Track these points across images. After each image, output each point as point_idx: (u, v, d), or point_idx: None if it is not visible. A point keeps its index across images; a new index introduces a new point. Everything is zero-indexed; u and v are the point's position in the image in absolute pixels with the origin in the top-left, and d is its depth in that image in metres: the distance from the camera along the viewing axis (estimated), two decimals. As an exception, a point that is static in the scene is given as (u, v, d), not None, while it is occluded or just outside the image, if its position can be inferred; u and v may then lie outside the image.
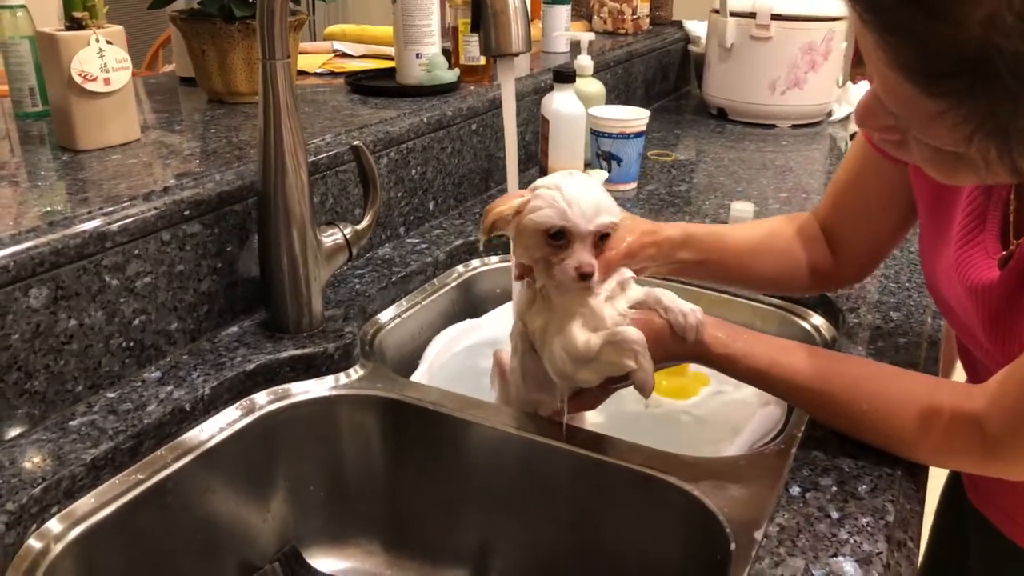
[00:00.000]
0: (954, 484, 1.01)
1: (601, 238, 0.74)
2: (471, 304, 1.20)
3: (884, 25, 0.52)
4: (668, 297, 0.76)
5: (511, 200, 0.76)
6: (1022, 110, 0.49)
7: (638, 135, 1.40)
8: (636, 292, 0.78)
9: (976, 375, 0.84)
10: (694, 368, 1.02)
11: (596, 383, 0.77)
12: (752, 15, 1.86)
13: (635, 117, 1.39)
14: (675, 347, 0.75)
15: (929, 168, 0.61)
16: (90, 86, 0.94)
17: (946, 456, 0.72)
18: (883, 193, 0.87)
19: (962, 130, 0.52)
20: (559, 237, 0.73)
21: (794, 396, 0.77)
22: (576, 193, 0.73)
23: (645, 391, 0.74)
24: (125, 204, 0.82)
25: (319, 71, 1.53)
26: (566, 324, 0.75)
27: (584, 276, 0.73)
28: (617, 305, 0.77)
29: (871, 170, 0.86)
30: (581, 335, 0.75)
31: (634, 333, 0.73)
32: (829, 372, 0.74)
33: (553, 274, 0.74)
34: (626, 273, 0.79)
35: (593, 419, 0.94)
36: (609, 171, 1.42)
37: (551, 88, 1.38)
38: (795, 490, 0.70)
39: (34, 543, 0.67)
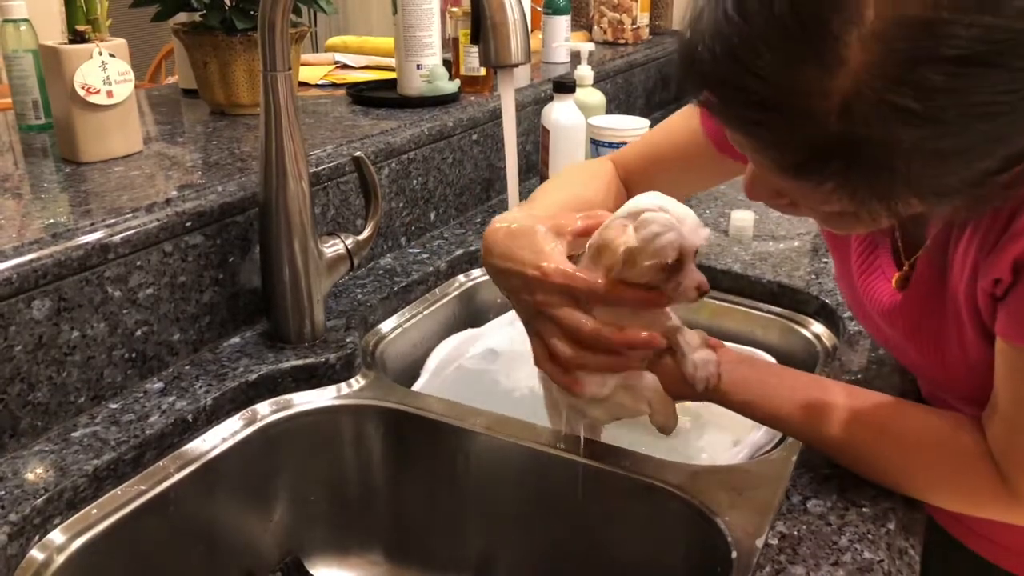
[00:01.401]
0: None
1: None
2: (472, 314, 1.20)
3: (747, 128, 0.52)
4: (687, 341, 0.73)
5: (615, 230, 0.69)
6: (899, 176, 0.49)
7: (638, 144, 1.40)
8: (665, 330, 0.73)
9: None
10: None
11: (607, 422, 0.77)
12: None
13: (635, 127, 1.40)
14: (688, 391, 0.74)
15: (826, 225, 0.62)
16: (93, 99, 0.95)
17: (966, 502, 0.70)
18: (699, 174, 0.89)
19: (852, 200, 0.52)
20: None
21: (818, 444, 0.74)
22: (680, 210, 0.68)
23: (665, 432, 0.73)
24: (127, 216, 0.82)
25: (320, 82, 1.54)
26: None
27: (704, 293, 0.69)
28: None
29: (698, 156, 0.86)
30: (597, 375, 0.72)
31: (649, 380, 0.72)
32: (852, 418, 0.70)
33: (669, 298, 0.70)
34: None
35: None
36: (610, 180, 1.42)
37: (551, 98, 1.38)
38: (796, 498, 0.70)
39: (37, 554, 0.67)
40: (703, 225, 0.69)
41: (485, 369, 1.10)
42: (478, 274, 1.22)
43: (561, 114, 1.35)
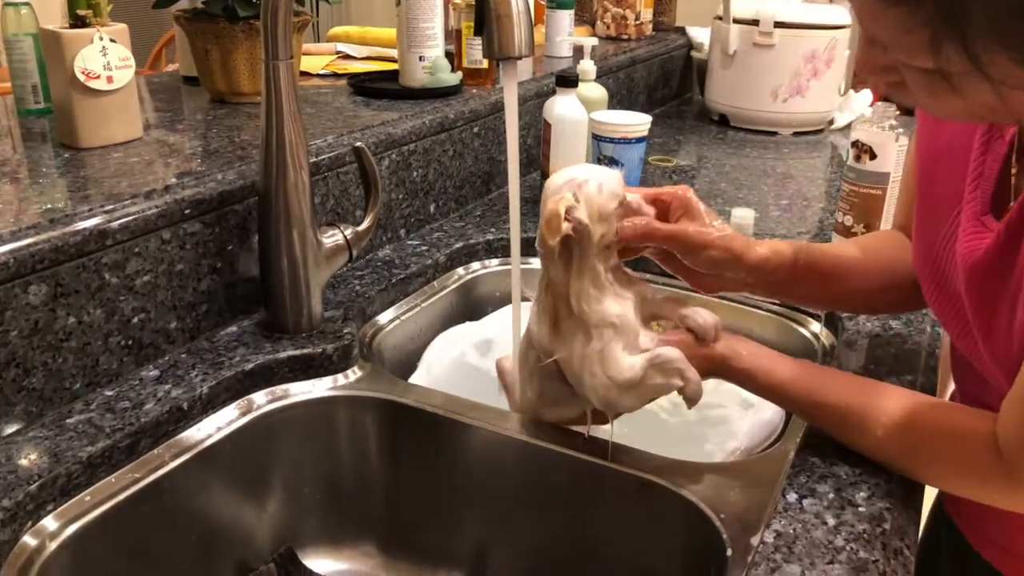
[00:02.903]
0: (938, 514, 0.98)
1: None
2: (470, 307, 1.20)
3: None
4: (683, 304, 0.76)
5: (556, 203, 0.71)
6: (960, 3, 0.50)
7: (640, 140, 1.40)
8: (649, 303, 0.77)
9: (966, 384, 0.84)
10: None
11: (638, 408, 0.76)
12: (755, 22, 1.86)
13: (637, 122, 1.39)
14: (696, 360, 0.74)
15: (926, 100, 0.61)
16: (93, 84, 0.94)
17: (964, 480, 0.71)
18: None
19: (923, 34, 0.53)
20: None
21: (812, 413, 0.76)
22: (599, 167, 0.76)
23: (695, 401, 0.73)
24: (126, 202, 0.82)
25: (322, 72, 1.53)
26: (607, 349, 0.73)
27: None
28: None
29: None
30: (625, 359, 0.73)
31: (673, 352, 0.73)
32: (849, 391, 0.74)
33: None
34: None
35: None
36: (610, 176, 1.42)
37: (553, 92, 1.38)
38: (792, 497, 0.70)
39: (29, 540, 0.67)
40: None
41: (482, 362, 1.09)
42: (477, 267, 1.21)
43: (563, 108, 1.35)
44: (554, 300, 0.76)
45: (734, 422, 0.97)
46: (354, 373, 0.92)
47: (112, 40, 0.95)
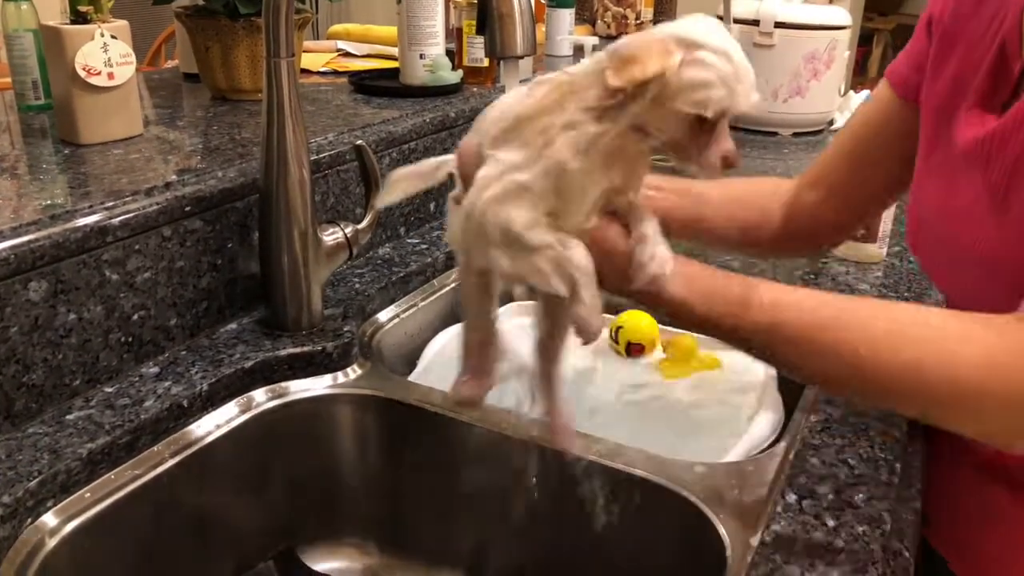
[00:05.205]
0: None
1: None
2: (470, 305, 1.19)
3: None
4: (649, 229, 0.60)
5: (656, 49, 0.54)
6: None
7: (640, 140, 1.40)
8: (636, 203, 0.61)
9: None
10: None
11: (505, 274, 0.58)
12: (755, 22, 1.86)
13: (637, 122, 1.39)
14: (626, 284, 0.59)
15: None
16: (93, 80, 0.94)
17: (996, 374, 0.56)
18: (893, 137, 0.85)
19: None
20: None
21: (768, 341, 0.60)
22: (743, 63, 0.56)
23: (586, 333, 0.57)
24: (126, 199, 0.82)
25: (322, 70, 1.53)
26: (522, 192, 0.56)
27: (731, 167, 0.57)
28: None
29: (888, 116, 0.86)
30: (529, 217, 0.56)
31: (581, 259, 0.56)
32: (817, 313, 0.59)
33: (690, 162, 0.58)
34: None
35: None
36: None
37: (554, 91, 1.38)
38: (791, 497, 0.70)
39: (29, 536, 0.67)
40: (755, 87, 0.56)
41: (482, 361, 1.09)
42: (477, 266, 1.21)
43: (563, 107, 1.35)
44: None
45: (733, 422, 0.97)
46: (354, 371, 0.92)
47: (113, 36, 0.95)
